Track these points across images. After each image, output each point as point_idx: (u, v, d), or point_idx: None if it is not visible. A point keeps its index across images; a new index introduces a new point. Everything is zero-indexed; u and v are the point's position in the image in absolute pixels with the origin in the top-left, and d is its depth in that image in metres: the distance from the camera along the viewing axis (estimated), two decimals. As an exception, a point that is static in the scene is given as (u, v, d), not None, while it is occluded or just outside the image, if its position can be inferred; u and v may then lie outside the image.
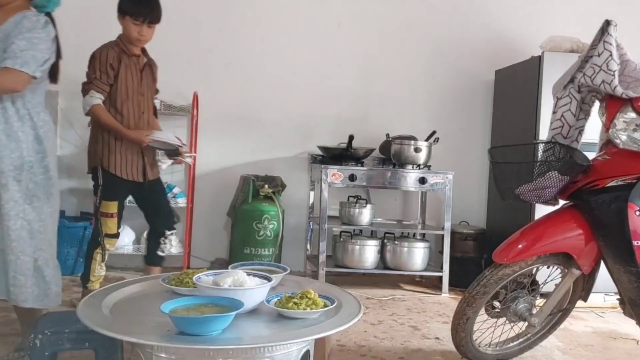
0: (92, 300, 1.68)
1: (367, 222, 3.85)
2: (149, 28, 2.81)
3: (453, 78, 4.36)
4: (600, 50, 2.21)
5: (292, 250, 4.09)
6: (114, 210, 2.89)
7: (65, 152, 4.01)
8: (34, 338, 1.80)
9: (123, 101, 2.84)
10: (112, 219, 2.89)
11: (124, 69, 2.83)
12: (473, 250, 3.97)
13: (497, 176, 2.38)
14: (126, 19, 2.80)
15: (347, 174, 3.74)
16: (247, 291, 1.62)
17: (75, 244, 3.72)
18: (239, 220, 3.80)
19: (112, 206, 2.88)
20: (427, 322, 3.12)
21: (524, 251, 2.20)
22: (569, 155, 2.23)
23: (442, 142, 3.96)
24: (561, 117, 2.35)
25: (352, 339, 2.73)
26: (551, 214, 2.31)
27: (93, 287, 2.91)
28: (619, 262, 2.15)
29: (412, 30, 4.33)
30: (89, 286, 2.94)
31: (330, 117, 4.26)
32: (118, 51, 2.84)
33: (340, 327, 1.58)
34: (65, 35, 4.08)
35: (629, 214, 2.09)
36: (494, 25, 4.35)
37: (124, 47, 2.85)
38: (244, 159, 4.21)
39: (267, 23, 4.20)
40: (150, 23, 2.80)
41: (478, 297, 2.26)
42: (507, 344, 2.52)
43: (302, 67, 4.25)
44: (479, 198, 4.39)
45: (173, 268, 3.85)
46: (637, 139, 2.11)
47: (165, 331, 1.46)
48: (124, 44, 2.86)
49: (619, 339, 2.99)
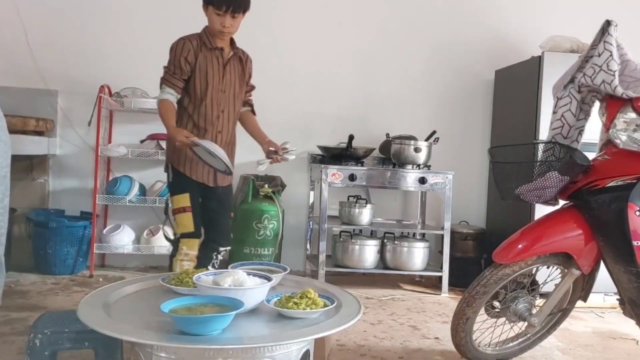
0: (92, 300, 1.68)
1: (367, 222, 3.85)
2: (233, 18, 2.52)
3: (453, 78, 4.36)
4: (601, 50, 2.21)
5: (292, 250, 4.09)
6: (186, 203, 2.58)
7: (66, 152, 4.01)
8: (33, 337, 1.80)
9: (202, 98, 2.58)
10: (186, 214, 2.57)
11: (204, 62, 2.57)
12: (473, 250, 3.97)
13: (497, 176, 2.38)
14: (209, 9, 2.52)
15: (347, 174, 3.74)
16: (247, 291, 1.62)
17: (75, 244, 3.72)
18: (238, 220, 3.80)
19: (184, 199, 2.58)
20: (427, 322, 3.12)
21: (524, 251, 2.20)
22: (569, 155, 2.23)
23: (442, 142, 3.96)
24: (561, 117, 2.35)
25: (352, 338, 2.73)
26: (551, 214, 2.31)
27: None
28: (618, 262, 2.15)
29: (412, 30, 4.33)
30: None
31: (330, 117, 4.26)
32: (198, 44, 2.56)
33: (340, 327, 1.58)
34: (63, 36, 4.10)
35: (629, 214, 2.09)
36: (494, 25, 4.35)
37: (207, 39, 2.58)
38: (243, 158, 4.20)
39: (266, 22, 4.20)
40: (234, 13, 2.51)
41: (478, 297, 2.26)
42: (507, 344, 2.52)
43: (302, 67, 4.25)
44: (478, 198, 4.39)
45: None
46: (638, 139, 2.11)
47: (165, 331, 1.46)
48: (206, 35, 2.59)
49: (618, 339, 2.99)
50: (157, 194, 3.82)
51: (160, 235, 3.83)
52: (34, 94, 3.90)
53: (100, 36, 3.33)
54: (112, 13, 3.99)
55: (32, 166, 3.92)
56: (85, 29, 3.98)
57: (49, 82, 3.95)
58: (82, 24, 4.00)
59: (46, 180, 3.99)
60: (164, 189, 3.86)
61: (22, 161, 3.82)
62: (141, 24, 3.90)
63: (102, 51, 3.96)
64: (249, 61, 2.80)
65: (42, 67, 3.94)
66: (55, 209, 3.95)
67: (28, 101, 3.85)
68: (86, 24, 3.99)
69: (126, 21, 3.53)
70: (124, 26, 3.34)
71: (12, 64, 3.92)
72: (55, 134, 3.97)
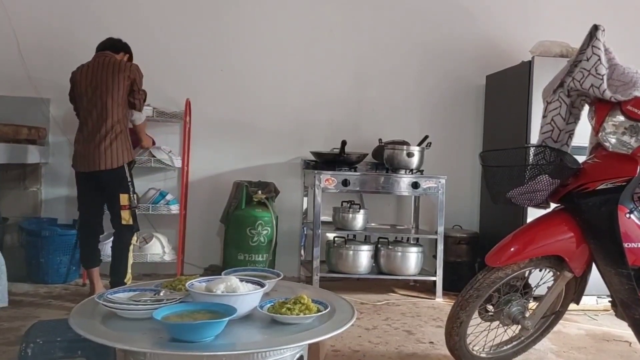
0: (84, 308, 1.68)
1: (360, 227, 3.85)
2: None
3: (444, 83, 4.38)
4: (589, 54, 2.24)
5: (286, 256, 4.08)
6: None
7: (58, 160, 4.00)
8: (25, 347, 1.78)
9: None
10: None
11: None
12: (466, 254, 3.98)
13: (488, 180, 2.40)
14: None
15: (341, 179, 3.75)
16: (240, 297, 1.62)
17: (68, 252, 3.70)
18: (232, 227, 3.80)
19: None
20: (422, 326, 3.12)
21: (517, 254, 2.21)
22: (560, 158, 2.25)
23: (434, 147, 3.98)
24: (551, 121, 2.37)
25: (347, 344, 2.73)
26: (543, 217, 2.32)
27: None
28: (610, 264, 2.16)
29: (404, 36, 4.35)
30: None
31: (323, 123, 4.27)
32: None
33: (334, 332, 1.59)
34: (55, 44, 4.10)
35: (619, 216, 2.10)
36: (485, 31, 4.38)
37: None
38: (236, 165, 4.21)
39: (259, 29, 4.21)
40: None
41: (471, 301, 2.26)
42: (501, 347, 2.52)
43: (295, 73, 4.26)
44: (471, 202, 4.40)
45: (166, 275, 3.84)
46: (626, 142, 2.13)
47: (158, 338, 1.45)
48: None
49: (612, 341, 3.00)
50: (150, 201, 3.81)
51: (153, 243, 3.82)
52: (26, 103, 3.89)
53: (92, 45, 3.34)
54: (103, 22, 4.00)
55: (24, 175, 3.90)
56: (77, 38, 3.98)
57: (41, 91, 3.94)
58: (74, 33, 4.00)
59: (39, 189, 3.97)
60: (157, 196, 3.86)
61: (14, 170, 3.81)
62: (133, 33, 3.89)
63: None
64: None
65: (34, 76, 3.94)
66: (48, 218, 3.93)
67: (20, 109, 3.85)
68: (78, 32, 3.99)
69: (118, 30, 3.54)
70: (116, 35, 3.36)
71: (3, 72, 3.91)
72: (48, 142, 3.96)
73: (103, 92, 3.10)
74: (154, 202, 3.80)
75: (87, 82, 3.14)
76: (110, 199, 3.17)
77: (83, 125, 3.18)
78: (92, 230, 3.28)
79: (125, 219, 3.14)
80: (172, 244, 3.97)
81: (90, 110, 3.13)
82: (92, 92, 3.12)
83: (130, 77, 3.14)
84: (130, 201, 3.15)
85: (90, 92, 3.13)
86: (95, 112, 3.11)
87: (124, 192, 3.14)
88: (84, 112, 3.16)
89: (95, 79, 3.12)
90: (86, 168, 3.14)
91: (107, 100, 3.10)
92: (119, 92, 3.11)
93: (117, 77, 3.11)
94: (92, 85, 3.12)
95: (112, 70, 3.12)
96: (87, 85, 3.14)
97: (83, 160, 3.15)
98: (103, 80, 3.11)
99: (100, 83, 3.11)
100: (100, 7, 4.06)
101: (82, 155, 3.15)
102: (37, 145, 3.79)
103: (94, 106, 3.11)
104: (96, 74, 3.13)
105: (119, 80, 3.11)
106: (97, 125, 3.11)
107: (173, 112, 3.96)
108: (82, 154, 3.15)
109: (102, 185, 3.16)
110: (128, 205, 3.15)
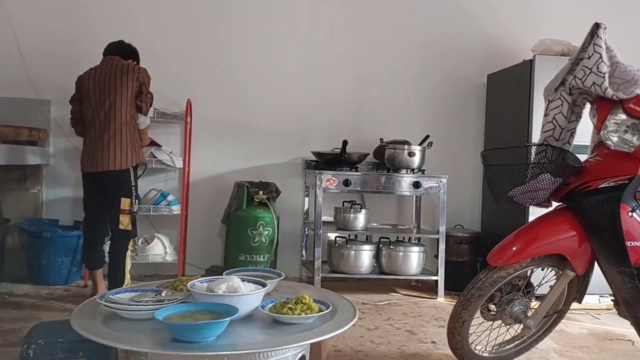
0: (86, 309, 1.68)
1: (362, 227, 3.85)
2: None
3: (445, 82, 4.38)
4: (590, 52, 2.23)
5: (287, 256, 4.08)
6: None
7: (59, 162, 4.00)
8: (27, 348, 1.78)
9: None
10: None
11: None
12: (468, 254, 3.97)
13: (490, 179, 2.39)
14: None
15: (342, 179, 3.74)
16: (241, 297, 1.62)
17: (69, 254, 3.70)
18: (233, 227, 3.79)
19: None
20: (423, 326, 3.12)
21: (518, 253, 2.21)
22: (561, 157, 2.24)
23: (435, 146, 3.97)
24: (553, 120, 2.36)
25: (349, 344, 2.73)
26: (544, 216, 2.31)
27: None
28: (612, 263, 2.15)
29: (405, 36, 4.35)
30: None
31: (324, 123, 4.27)
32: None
33: (335, 331, 1.58)
34: (56, 45, 4.10)
35: (621, 214, 2.09)
36: (486, 30, 4.37)
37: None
38: (237, 165, 4.21)
39: (260, 30, 4.21)
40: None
41: (473, 300, 2.26)
42: (503, 347, 2.52)
43: (295, 73, 4.26)
44: (473, 201, 4.40)
45: (168, 276, 3.84)
46: (628, 140, 2.12)
47: (159, 338, 1.45)
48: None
49: (614, 340, 2.99)
50: (151, 202, 3.81)
51: (154, 244, 3.82)
52: (26, 104, 3.89)
53: (92, 46, 3.35)
54: (104, 23, 4.00)
55: (25, 176, 3.91)
56: (78, 39, 3.98)
57: (42, 92, 3.94)
58: (74, 34, 4.00)
59: (40, 190, 3.97)
60: (158, 197, 3.86)
61: (15, 171, 3.81)
62: (133, 34, 3.89)
63: (95, 61, 3.93)
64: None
65: (35, 77, 3.94)
66: (49, 219, 3.93)
67: (21, 111, 3.85)
68: (78, 33, 3.99)
69: (119, 31, 3.54)
70: (117, 36, 3.36)
71: (4, 73, 3.91)
72: (49, 143, 3.96)
73: (112, 92, 3.09)
74: (155, 202, 3.79)
75: (95, 84, 3.13)
76: (110, 201, 3.14)
77: (90, 126, 3.16)
78: (97, 232, 3.27)
79: (123, 223, 3.10)
80: (174, 245, 3.97)
81: (98, 111, 3.12)
82: (100, 92, 3.11)
83: (139, 80, 3.13)
84: (131, 206, 3.12)
85: (98, 93, 3.12)
86: (103, 112, 3.10)
87: (125, 195, 3.11)
88: (92, 113, 3.14)
89: (103, 80, 3.12)
90: (91, 168, 3.13)
91: (116, 99, 3.08)
92: (127, 92, 3.10)
93: (125, 78, 3.10)
94: (100, 86, 3.12)
95: (121, 71, 3.12)
96: (95, 86, 3.13)
97: (89, 160, 3.14)
98: (112, 81, 3.11)
99: (109, 84, 3.11)
100: (100, 8, 4.06)
101: (89, 155, 3.14)
102: (38, 147, 3.80)
103: (102, 106, 3.10)
104: (105, 76, 3.13)
105: (127, 81, 3.10)
106: (104, 124, 3.10)
107: (174, 112, 3.96)
108: (88, 154, 3.15)
109: (105, 187, 3.14)
110: (128, 210, 3.11)
